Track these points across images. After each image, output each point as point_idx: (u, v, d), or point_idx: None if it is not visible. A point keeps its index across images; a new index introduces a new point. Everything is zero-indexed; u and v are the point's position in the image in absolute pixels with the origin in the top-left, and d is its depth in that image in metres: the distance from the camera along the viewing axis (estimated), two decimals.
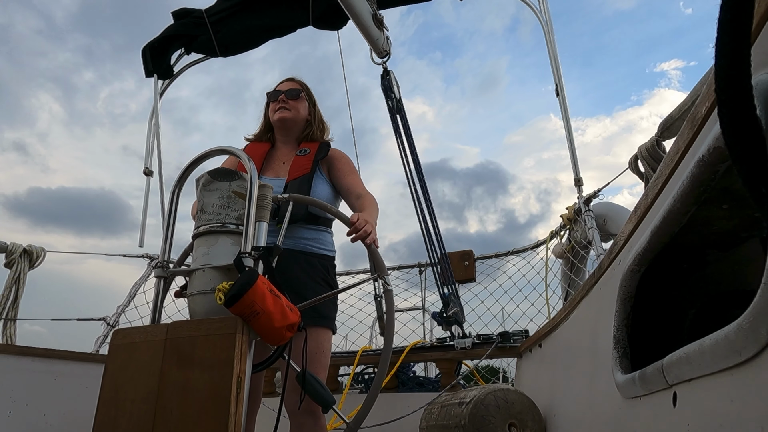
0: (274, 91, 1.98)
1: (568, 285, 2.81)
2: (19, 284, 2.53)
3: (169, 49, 3.23)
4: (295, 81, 2.00)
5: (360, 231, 1.46)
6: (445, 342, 2.71)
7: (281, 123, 1.92)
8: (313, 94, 2.02)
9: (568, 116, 2.83)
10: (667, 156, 0.78)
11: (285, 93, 1.93)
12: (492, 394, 1.76)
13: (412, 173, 2.56)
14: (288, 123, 1.92)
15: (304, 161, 1.85)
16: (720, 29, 0.38)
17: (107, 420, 1.04)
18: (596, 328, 1.18)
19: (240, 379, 1.01)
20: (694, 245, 0.89)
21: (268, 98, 1.99)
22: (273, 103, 1.95)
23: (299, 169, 1.82)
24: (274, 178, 1.83)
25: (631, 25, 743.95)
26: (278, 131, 1.96)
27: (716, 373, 0.58)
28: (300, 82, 2.01)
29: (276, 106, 1.92)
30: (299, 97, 1.94)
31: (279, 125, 1.93)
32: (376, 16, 2.35)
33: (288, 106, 1.91)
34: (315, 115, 1.98)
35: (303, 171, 1.81)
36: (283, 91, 1.94)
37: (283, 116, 1.90)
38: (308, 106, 1.97)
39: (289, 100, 1.92)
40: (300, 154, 1.88)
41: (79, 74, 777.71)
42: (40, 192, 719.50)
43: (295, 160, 1.87)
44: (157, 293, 1.28)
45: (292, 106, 1.92)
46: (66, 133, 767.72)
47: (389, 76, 2.57)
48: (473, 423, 1.70)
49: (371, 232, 1.48)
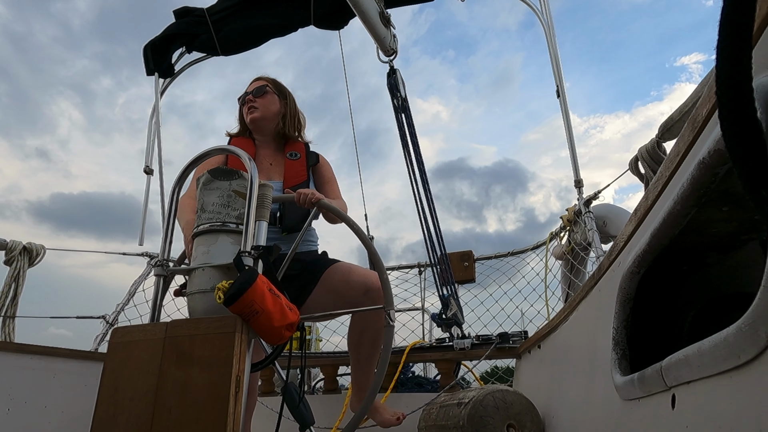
0: (243, 94, 2.01)
1: (568, 286, 2.81)
2: (18, 281, 2.54)
3: (170, 47, 3.23)
4: (261, 79, 2.04)
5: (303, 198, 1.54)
6: (444, 342, 2.71)
7: (253, 124, 1.96)
8: (285, 88, 2.05)
9: (569, 117, 2.83)
10: (668, 158, 0.78)
11: (252, 92, 1.96)
12: (491, 395, 1.76)
13: (415, 173, 2.56)
14: (259, 123, 1.95)
15: (298, 167, 1.91)
16: (721, 32, 0.38)
17: (106, 418, 1.04)
18: (595, 330, 1.18)
19: (239, 378, 1.01)
20: (694, 247, 0.89)
21: (239, 103, 2.03)
22: (243, 107, 1.99)
23: (296, 176, 1.88)
24: (267, 180, 1.86)
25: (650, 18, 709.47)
26: (254, 132, 1.99)
27: (715, 376, 0.58)
28: (266, 78, 2.04)
29: (246, 108, 1.96)
30: (265, 92, 1.97)
31: (252, 126, 1.97)
32: (383, 14, 2.35)
33: (256, 104, 1.95)
34: (288, 107, 2.00)
35: (300, 178, 1.88)
36: (250, 91, 1.98)
37: (253, 117, 1.94)
38: (278, 99, 1.99)
39: (256, 98, 1.95)
40: (291, 158, 1.93)
41: (97, 81, 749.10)
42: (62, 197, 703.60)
43: (288, 164, 1.91)
44: (157, 292, 1.28)
45: (260, 104, 1.95)
46: (86, 139, 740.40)
47: (395, 74, 2.58)
48: (471, 423, 1.70)
49: (309, 194, 1.55)
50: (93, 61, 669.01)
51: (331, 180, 1.99)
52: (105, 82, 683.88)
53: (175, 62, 3.35)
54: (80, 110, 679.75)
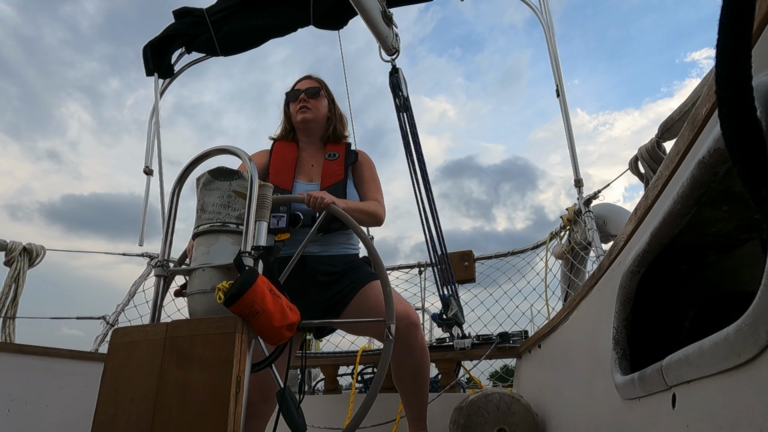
0: (294, 90, 1.94)
1: (568, 286, 2.81)
2: (18, 282, 2.54)
3: (170, 48, 3.23)
4: (313, 79, 1.98)
5: (313, 201, 1.49)
6: (444, 342, 2.72)
7: (304, 124, 1.89)
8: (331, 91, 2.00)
9: (568, 117, 2.83)
10: (668, 157, 0.78)
11: (305, 92, 1.90)
12: (485, 398, 1.77)
13: (416, 172, 2.56)
14: (310, 124, 1.89)
15: (335, 167, 1.84)
16: (721, 31, 0.38)
17: (106, 418, 1.04)
18: (596, 329, 1.18)
19: (239, 379, 1.01)
20: (694, 247, 0.90)
21: (288, 98, 1.96)
22: (293, 103, 1.92)
23: (332, 176, 1.82)
24: (308, 183, 1.83)
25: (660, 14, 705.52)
26: (301, 132, 1.93)
27: (716, 375, 0.58)
28: (318, 79, 1.98)
29: (297, 107, 1.89)
30: (319, 95, 1.91)
31: (302, 127, 1.91)
32: (386, 13, 2.35)
33: (309, 105, 1.89)
34: (335, 111, 1.96)
35: (337, 177, 1.81)
36: (302, 90, 1.91)
37: (305, 117, 1.88)
38: (328, 103, 1.95)
39: (309, 99, 1.89)
40: (330, 159, 1.87)
41: (106, 83, 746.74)
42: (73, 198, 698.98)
43: (325, 165, 1.85)
44: (157, 292, 1.28)
45: (312, 106, 1.89)
46: (95, 140, 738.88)
47: (398, 73, 2.58)
48: (467, 425, 1.71)
49: (318, 197, 1.50)
50: (101, 63, 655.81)
51: (370, 180, 1.90)
52: (113, 83, 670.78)
53: (174, 62, 3.35)
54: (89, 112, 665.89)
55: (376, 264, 1.42)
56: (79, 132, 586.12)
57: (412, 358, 1.68)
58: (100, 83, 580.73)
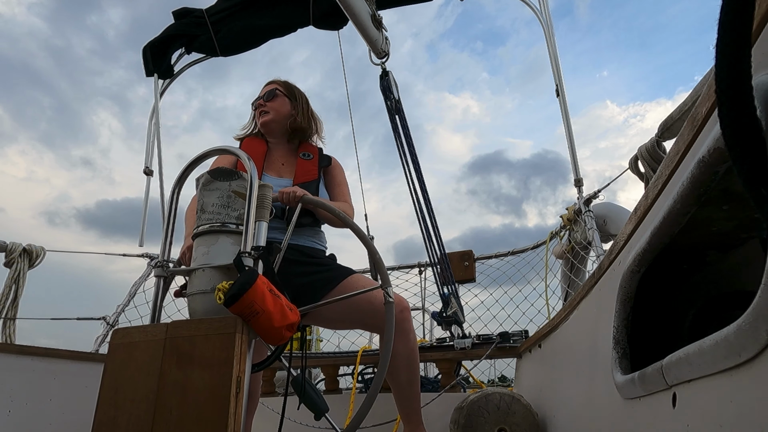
0: (255, 99, 2.03)
1: (568, 285, 2.81)
2: (18, 283, 2.54)
3: (170, 48, 3.23)
4: (272, 83, 2.06)
5: (286, 197, 1.53)
6: (444, 342, 2.71)
7: (265, 127, 1.98)
8: (298, 89, 2.06)
9: (568, 117, 2.83)
10: (667, 157, 0.78)
11: (263, 97, 1.99)
12: (485, 398, 1.77)
13: (411, 174, 2.56)
14: (271, 125, 1.97)
15: (309, 166, 1.92)
16: (720, 30, 0.38)
17: (107, 419, 1.04)
18: (596, 329, 1.18)
19: (239, 379, 1.01)
20: (694, 246, 0.90)
21: (252, 108, 2.05)
22: (255, 111, 2.01)
23: (307, 174, 1.89)
24: (278, 177, 1.89)
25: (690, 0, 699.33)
26: (267, 135, 2.01)
27: (716, 374, 0.58)
28: (277, 81, 2.06)
29: (257, 113, 1.99)
30: (275, 95, 1.99)
31: (264, 130, 1.99)
32: (375, 16, 2.35)
33: (266, 108, 1.97)
34: (299, 108, 2.02)
35: (311, 176, 1.88)
36: (261, 96, 2.00)
37: (263, 120, 1.97)
38: (288, 101, 2.01)
39: (267, 102, 1.98)
40: (304, 158, 1.94)
41: (133, 90, 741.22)
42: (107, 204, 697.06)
43: (300, 163, 1.92)
44: (157, 293, 1.28)
45: (270, 107, 1.97)
46: (125, 147, 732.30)
47: (388, 76, 2.58)
48: (467, 425, 1.71)
49: (290, 191, 1.54)
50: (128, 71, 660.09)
51: (342, 183, 2.00)
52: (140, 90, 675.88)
53: (174, 63, 3.35)
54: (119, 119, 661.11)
55: (363, 240, 1.46)
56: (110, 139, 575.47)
57: (408, 343, 1.70)
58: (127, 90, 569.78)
